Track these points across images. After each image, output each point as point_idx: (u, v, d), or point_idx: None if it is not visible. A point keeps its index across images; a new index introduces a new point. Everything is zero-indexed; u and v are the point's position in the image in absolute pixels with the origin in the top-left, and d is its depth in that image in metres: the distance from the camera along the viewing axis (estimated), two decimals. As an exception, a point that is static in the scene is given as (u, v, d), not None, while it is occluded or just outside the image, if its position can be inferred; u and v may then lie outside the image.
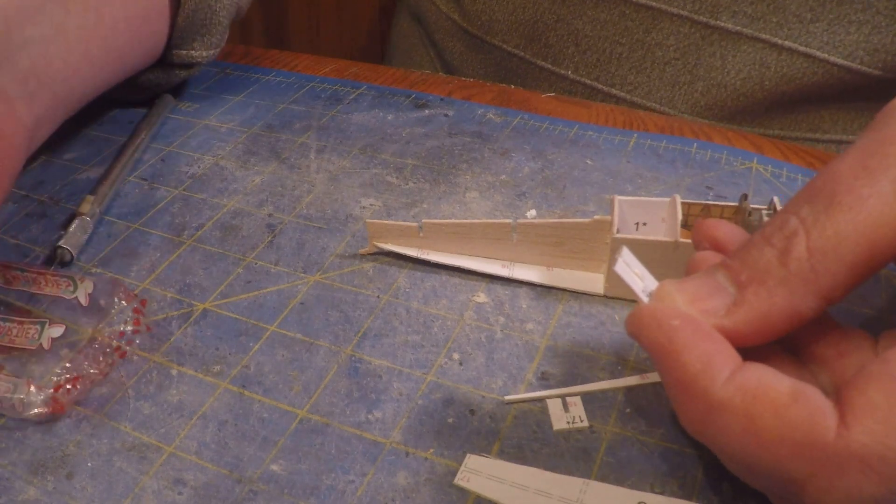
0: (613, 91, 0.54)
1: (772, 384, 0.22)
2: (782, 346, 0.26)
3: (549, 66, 0.55)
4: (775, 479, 0.22)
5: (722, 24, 0.49)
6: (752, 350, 0.24)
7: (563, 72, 0.55)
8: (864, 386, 0.21)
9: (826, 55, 0.48)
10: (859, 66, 0.48)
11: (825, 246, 0.22)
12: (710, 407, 0.22)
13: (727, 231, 0.28)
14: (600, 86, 0.54)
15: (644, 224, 0.34)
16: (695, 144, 0.45)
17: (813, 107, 0.52)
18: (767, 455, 0.22)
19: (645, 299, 0.26)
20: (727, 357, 0.23)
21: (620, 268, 0.27)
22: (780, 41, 0.48)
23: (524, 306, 0.34)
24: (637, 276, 0.26)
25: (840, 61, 0.48)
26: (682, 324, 0.23)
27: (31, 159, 0.46)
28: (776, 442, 0.21)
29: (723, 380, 0.22)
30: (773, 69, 0.49)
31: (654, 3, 0.50)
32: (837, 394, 0.22)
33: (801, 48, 0.48)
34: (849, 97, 0.51)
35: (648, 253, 0.30)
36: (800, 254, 0.23)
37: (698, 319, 0.24)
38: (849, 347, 0.25)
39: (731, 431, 0.22)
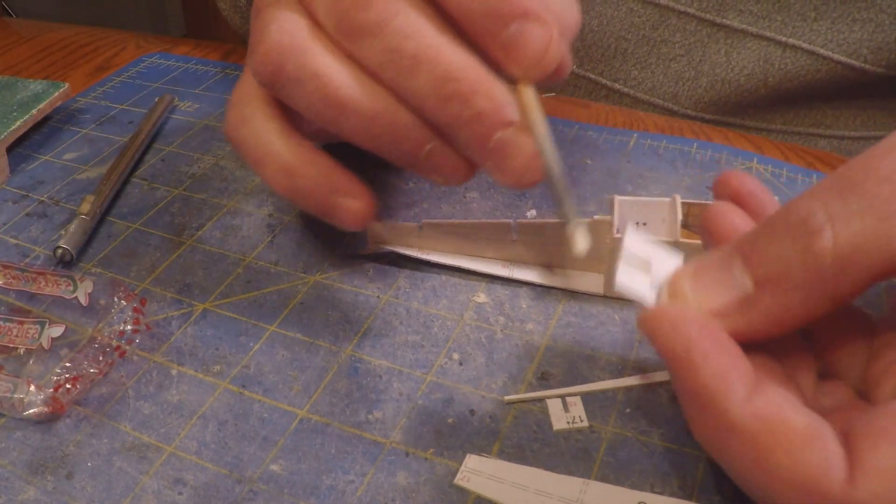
0: (616, 86, 0.54)
1: (789, 418, 0.21)
2: None
3: None
4: None
5: (728, 22, 0.49)
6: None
7: None
8: (875, 443, 0.21)
9: (830, 52, 0.48)
10: (862, 64, 0.48)
11: (853, 255, 0.21)
12: (723, 427, 0.22)
13: (750, 185, 0.27)
14: (604, 80, 0.54)
15: (644, 224, 0.34)
16: (695, 144, 0.45)
17: (815, 103, 0.52)
18: (772, 488, 0.21)
19: (651, 301, 0.25)
20: (743, 373, 0.22)
21: (621, 281, 0.25)
22: (784, 38, 0.48)
23: (524, 306, 0.34)
24: (643, 274, 0.25)
25: (843, 59, 0.48)
26: (700, 335, 0.23)
27: (31, 159, 0.46)
28: (783, 480, 0.21)
29: (739, 400, 0.22)
30: (776, 66, 0.49)
31: (662, 1, 0.50)
32: (848, 441, 0.21)
33: (805, 45, 0.48)
34: (851, 94, 0.51)
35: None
36: (824, 257, 0.22)
37: (715, 328, 0.23)
38: (845, 326, 0.25)
39: (741, 456, 0.22)
